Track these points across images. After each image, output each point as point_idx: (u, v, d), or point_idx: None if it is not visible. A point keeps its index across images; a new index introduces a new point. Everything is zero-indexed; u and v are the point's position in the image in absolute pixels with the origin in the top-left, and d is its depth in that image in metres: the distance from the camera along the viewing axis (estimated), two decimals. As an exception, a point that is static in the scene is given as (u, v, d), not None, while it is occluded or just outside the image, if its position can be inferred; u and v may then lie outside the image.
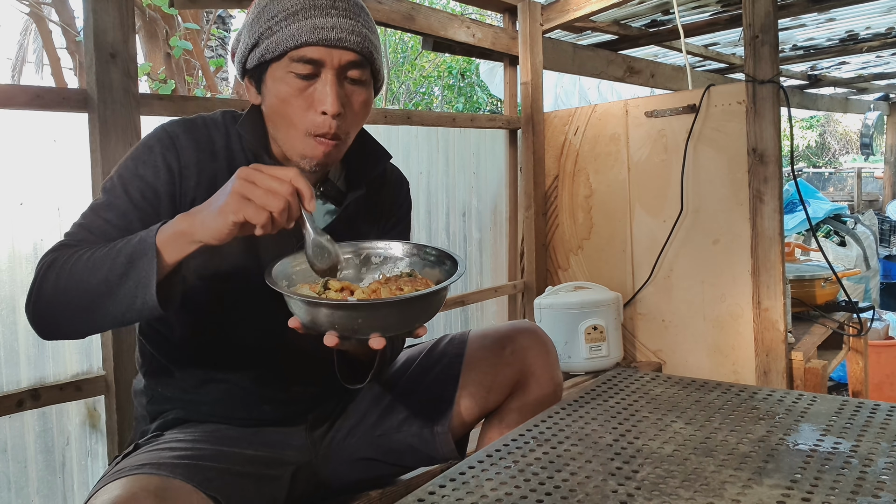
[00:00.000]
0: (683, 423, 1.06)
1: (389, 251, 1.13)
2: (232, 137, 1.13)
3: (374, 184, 1.25)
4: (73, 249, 0.98)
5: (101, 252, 0.95)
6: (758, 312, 2.20)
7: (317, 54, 1.03)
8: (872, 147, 7.59)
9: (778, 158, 2.16)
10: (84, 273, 0.94)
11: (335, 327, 0.90)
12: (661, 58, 4.06)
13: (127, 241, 0.94)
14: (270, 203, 0.88)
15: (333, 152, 1.08)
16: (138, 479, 0.92)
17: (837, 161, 15.30)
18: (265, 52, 1.05)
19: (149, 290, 0.90)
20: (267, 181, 0.88)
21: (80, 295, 0.94)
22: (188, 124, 1.11)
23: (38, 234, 1.47)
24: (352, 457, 1.26)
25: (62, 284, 0.95)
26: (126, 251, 0.92)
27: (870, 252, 4.76)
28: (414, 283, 1.01)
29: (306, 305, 0.91)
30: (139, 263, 0.91)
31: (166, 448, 1.04)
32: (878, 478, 0.85)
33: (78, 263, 0.95)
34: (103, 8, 1.45)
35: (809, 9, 3.26)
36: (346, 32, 1.03)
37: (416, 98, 9.58)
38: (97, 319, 0.97)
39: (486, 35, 2.62)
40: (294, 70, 1.03)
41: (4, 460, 1.44)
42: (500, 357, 1.26)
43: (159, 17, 4.34)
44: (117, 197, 1.05)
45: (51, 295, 0.96)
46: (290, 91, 1.04)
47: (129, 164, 1.07)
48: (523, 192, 2.77)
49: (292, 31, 1.02)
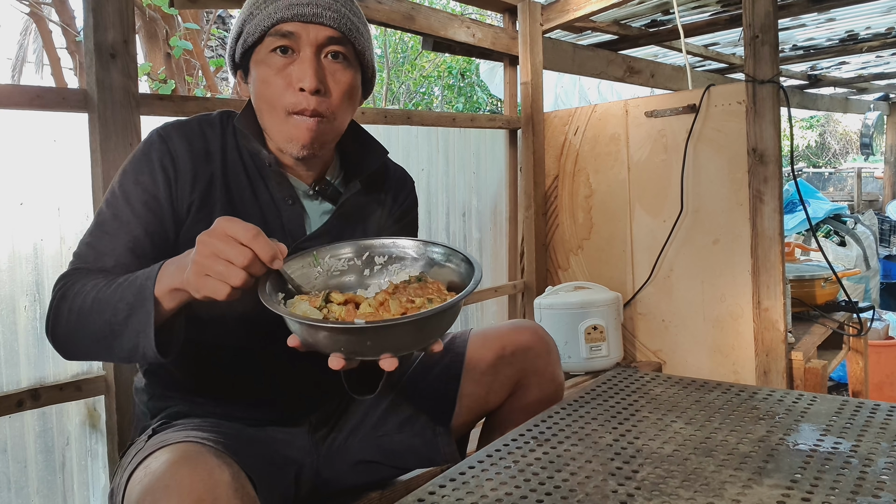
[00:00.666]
0: (683, 423, 1.06)
1: (394, 249, 1.06)
2: (228, 137, 1.13)
3: (374, 181, 1.23)
4: (82, 278, 1.00)
5: (105, 293, 0.95)
6: (758, 312, 2.20)
7: (292, 28, 1.04)
8: (872, 147, 7.59)
9: (778, 158, 2.16)
10: (90, 314, 0.95)
11: (341, 350, 0.84)
12: (661, 58, 4.05)
13: (129, 283, 0.94)
14: (231, 278, 0.85)
15: (318, 132, 1.06)
16: (191, 445, 0.92)
17: (837, 161, 15.30)
18: (247, 37, 1.07)
19: (148, 340, 0.90)
20: (225, 251, 0.85)
21: (88, 335, 0.96)
22: (183, 126, 1.11)
23: (38, 234, 1.47)
24: (353, 458, 1.25)
25: (73, 321, 0.96)
26: (127, 298, 0.93)
27: (870, 252, 4.76)
28: (424, 289, 0.94)
29: (307, 328, 0.85)
30: (138, 313, 0.91)
31: (194, 429, 1.04)
32: (878, 478, 0.85)
33: (85, 301, 0.96)
34: (103, 8, 1.45)
35: (809, 9, 3.26)
36: (321, 8, 1.04)
37: (416, 98, 9.58)
38: (109, 356, 1.00)
39: (486, 35, 2.62)
40: (272, 46, 1.04)
41: (4, 460, 1.44)
42: (501, 357, 1.25)
43: (159, 17, 4.34)
44: (120, 210, 1.05)
45: (64, 330, 0.98)
46: (269, 71, 1.05)
47: (129, 172, 1.08)
48: (523, 192, 2.77)
49: (269, 11, 1.04)
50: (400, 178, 1.31)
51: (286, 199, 1.13)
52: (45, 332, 1.01)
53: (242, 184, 1.11)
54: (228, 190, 1.10)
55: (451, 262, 1.02)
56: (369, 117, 2.14)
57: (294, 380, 1.18)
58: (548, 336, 1.30)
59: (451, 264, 1.01)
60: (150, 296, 0.90)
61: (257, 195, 1.12)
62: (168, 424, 1.10)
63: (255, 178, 1.12)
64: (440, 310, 0.85)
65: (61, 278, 1.01)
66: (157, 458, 0.89)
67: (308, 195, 1.17)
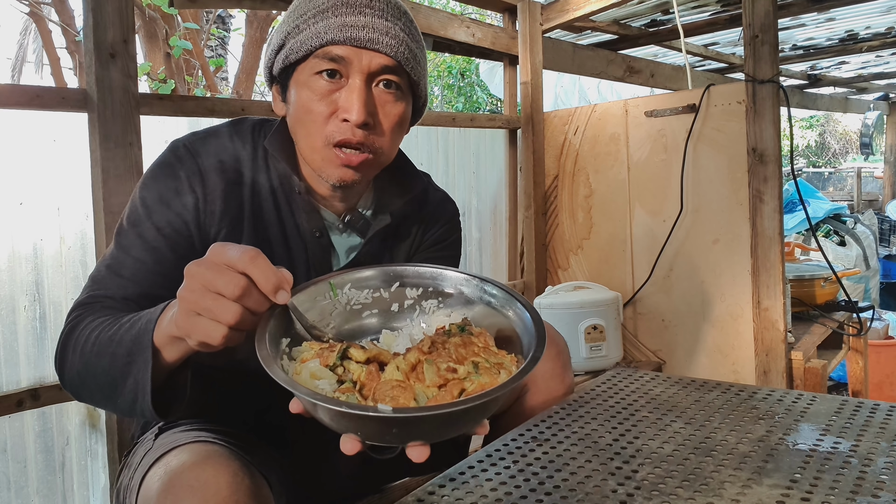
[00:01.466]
0: (683, 423, 1.06)
1: (431, 281, 0.87)
2: (259, 154, 1.01)
3: (410, 210, 1.11)
4: (95, 311, 0.89)
5: (106, 334, 0.84)
6: (758, 312, 2.20)
7: (343, 53, 0.91)
8: (872, 147, 7.59)
9: (778, 158, 2.16)
10: (93, 359, 0.84)
11: (358, 434, 0.67)
12: (661, 58, 4.05)
13: (131, 324, 0.82)
14: (223, 315, 0.69)
15: (362, 168, 0.95)
16: (209, 445, 0.87)
17: (837, 161, 15.31)
18: (290, 53, 0.95)
19: (144, 397, 0.79)
20: (215, 281, 0.69)
21: (92, 382, 0.85)
22: (212, 142, 1.00)
23: (37, 234, 1.47)
24: (353, 461, 1.24)
25: (77, 366, 0.86)
26: (126, 343, 0.80)
27: (869, 252, 4.76)
28: (469, 345, 0.76)
29: (315, 406, 0.66)
30: (137, 362, 0.79)
31: (202, 429, 0.99)
32: (878, 477, 0.85)
33: (88, 343, 0.85)
34: (103, 8, 1.45)
35: (809, 9, 3.26)
36: (379, 33, 0.92)
37: (415, 98, 9.57)
38: (115, 410, 0.88)
39: (485, 35, 2.62)
40: (318, 68, 0.92)
41: (4, 460, 1.44)
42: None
43: (159, 17, 4.34)
44: (146, 230, 0.95)
45: (71, 372, 0.88)
46: (312, 96, 0.93)
47: (152, 189, 0.97)
48: (523, 192, 2.77)
49: (319, 29, 0.92)
50: (439, 205, 1.18)
51: (314, 232, 1.02)
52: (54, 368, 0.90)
53: (269, 210, 1.01)
54: (255, 216, 1.00)
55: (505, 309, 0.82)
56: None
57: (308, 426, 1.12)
58: (560, 337, 1.23)
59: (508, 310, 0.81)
60: (148, 344, 0.77)
61: (284, 224, 1.02)
62: (174, 423, 1.05)
63: (283, 204, 1.02)
64: (490, 396, 0.66)
65: (75, 308, 0.90)
66: (176, 457, 0.84)
67: (337, 227, 1.06)
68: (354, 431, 0.66)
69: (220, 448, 0.87)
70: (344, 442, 0.67)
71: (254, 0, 2.15)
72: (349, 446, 0.67)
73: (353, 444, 0.67)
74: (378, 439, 0.67)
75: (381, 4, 0.94)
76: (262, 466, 0.93)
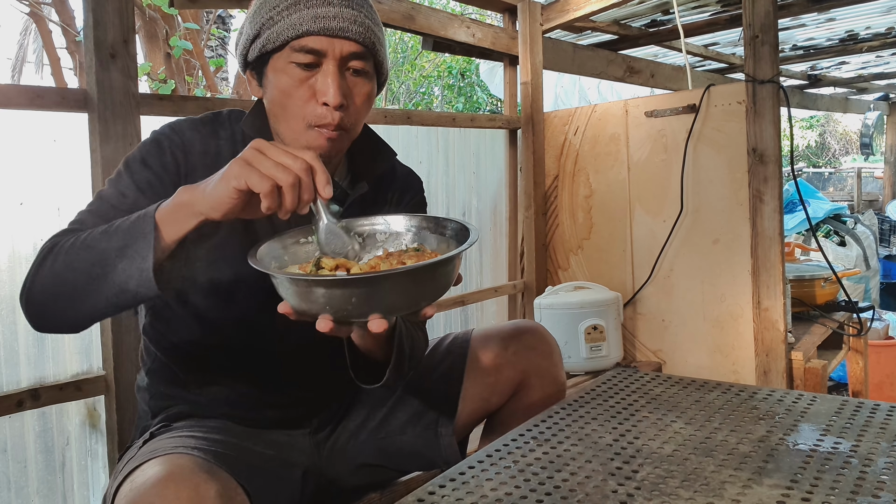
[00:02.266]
0: (683, 423, 1.06)
1: (393, 226, 1.02)
2: (237, 137, 1.12)
3: (381, 183, 1.22)
4: (73, 234, 0.95)
5: (97, 231, 0.91)
6: (758, 312, 2.20)
7: (318, 44, 1.01)
8: (872, 147, 7.59)
9: (778, 158, 2.16)
10: (79, 252, 0.90)
11: (327, 308, 0.81)
12: (661, 58, 4.05)
13: (125, 218, 0.90)
14: (278, 174, 0.82)
15: (337, 142, 1.06)
16: (181, 457, 0.90)
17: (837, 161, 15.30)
18: (266, 43, 1.03)
19: (145, 267, 0.85)
20: (279, 154, 0.83)
21: (73, 276, 0.89)
22: (196, 123, 1.11)
23: (38, 234, 1.47)
24: (356, 461, 1.25)
25: (57, 268, 0.91)
26: (123, 227, 0.88)
27: (870, 252, 4.76)
28: (421, 257, 0.91)
29: (293, 285, 0.82)
30: (136, 241, 0.86)
31: (188, 436, 1.02)
32: (878, 478, 0.85)
33: (74, 245, 0.91)
34: (103, 8, 1.45)
35: (809, 9, 3.26)
36: (348, 22, 1.01)
37: (416, 98, 9.58)
38: (89, 304, 0.91)
39: (486, 35, 2.62)
40: (295, 60, 1.01)
41: (4, 460, 1.44)
42: (503, 357, 1.25)
43: (159, 17, 4.34)
44: (125, 186, 1.03)
45: (45, 279, 0.92)
46: (291, 82, 1.02)
47: (137, 156, 1.06)
48: (523, 192, 2.77)
49: (293, 21, 1.00)
50: (407, 178, 1.29)
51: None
52: (19, 297, 0.94)
53: None
54: None
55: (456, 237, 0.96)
56: (369, 117, 2.13)
57: (297, 381, 1.17)
58: (550, 337, 1.30)
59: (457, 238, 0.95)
60: (150, 219, 0.86)
61: None
62: (167, 427, 1.09)
63: None
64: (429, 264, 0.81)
65: (49, 238, 0.96)
66: (143, 472, 0.87)
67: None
68: (324, 307, 0.80)
69: (191, 459, 0.89)
70: (319, 323, 0.81)
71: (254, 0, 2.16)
72: (322, 324, 0.81)
73: (325, 323, 0.81)
74: (344, 310, 0.80)
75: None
76: (246, 474, 0.95)
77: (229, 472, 0.91)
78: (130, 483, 0.88)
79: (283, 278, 0.82)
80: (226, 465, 0.93)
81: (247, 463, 1.04)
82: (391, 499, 1.31)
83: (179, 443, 0.98)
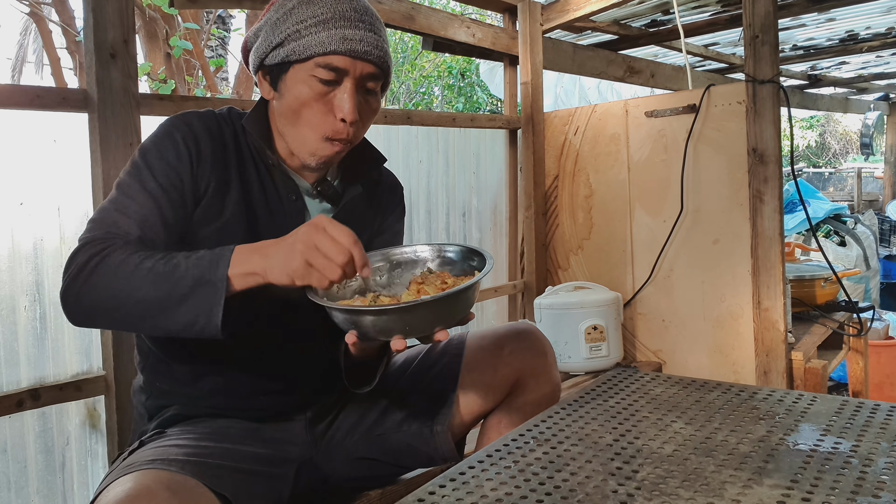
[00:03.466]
0: (683, 423, 1.06)
1: (416, 255, 1.19)
2: (238, 130, 1.17)
3: (370, 187, 1.29)
4: (119, 244, 1.00)
5: (164, 264, 0.97)
6: (758, 312, 2.20)
7: (342, 63, 1.07)
8: (872, 147, 7.59)
9: (778, 158, 2.16)
10: (143, 284, 0.96)
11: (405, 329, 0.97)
12: (661, 58, 4.05)
13: (195, 261, 0.97)
14: (331, 273, 0.95)
15: (342, 152, 1.15)
16: (150, 473, 0.92)
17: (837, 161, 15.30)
18: (290, 53, 1.08)
19: (213, 318, 0.95)
20: (329, 248, 0.95)
21: (133, 304, 0.96)
22: (201, 115, 1.15)
23: (38, 233, 1.47)
24: (352, 455, 1.26)
25: (117, 286, 0.96)
26: (193, 274, 0.96)
27: (870, 252, 4.76)
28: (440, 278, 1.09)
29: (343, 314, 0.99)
30: (205, 290, 0.95)
31: (173, 445, 1.05)
32: (878, 478, 0.85)
33: (139, 270, 0.96)
34: (103, 8, 1.45)
35: (809, 9, 3.26)
36: (371, 46, 1.09)
37: (416, 98, 9.58)
38: (143, 327, 1.02)
39: (486, 35, 2.62)
40: (318, 75, 1.08)
41: (4, 460, 1.44)
42: (498, 357, 1.27)
43: (159, 17, 4.34)
44: (146, 179, 1.07)
45: (102, 291, 0.97)
46: (310, 94, 1.09)
47: (151, 148, 1.10)
48: (523, 192, 2.77)
49: (322, 38, 1.06)
50: (392, 185, 1.36)
51: (290, 195, 1.18)
52: (60, 293, 0.99)
53: (251, 172, 1.16)
54: (241, 177, 1.15)
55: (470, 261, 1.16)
56: (369, 117, 2.14)
57: (292, 373, 1.19)
58: (544, 338, 1.32)
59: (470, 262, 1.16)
60: (223, 276, 0.95)
61: (265, 187, 1.17)
62: (160, 434, 1.11)
63: (262, 171, 1.17)
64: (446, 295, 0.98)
65: (96, 242, 1.00)
66: (114, 489, 0.89)
67: (310, 193, 1.21)
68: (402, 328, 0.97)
69: (158, 478, 0.91)
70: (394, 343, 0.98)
71: (254, 0, 2.15)
72: (397, 343, 0.98)
73: (399, 342, 0.98)
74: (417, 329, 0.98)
75: (370, 19, 1.11)
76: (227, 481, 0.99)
77: (209, 481, 0.95)
78: (103, 498, 0.90)
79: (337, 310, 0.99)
80: (207, 475, 0.96)
81: (235, 468, 1.06)
82: (391, 499, 1.31)
83: (161, 454, 1.00)
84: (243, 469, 1.08)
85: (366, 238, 1.26)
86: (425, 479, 1.32)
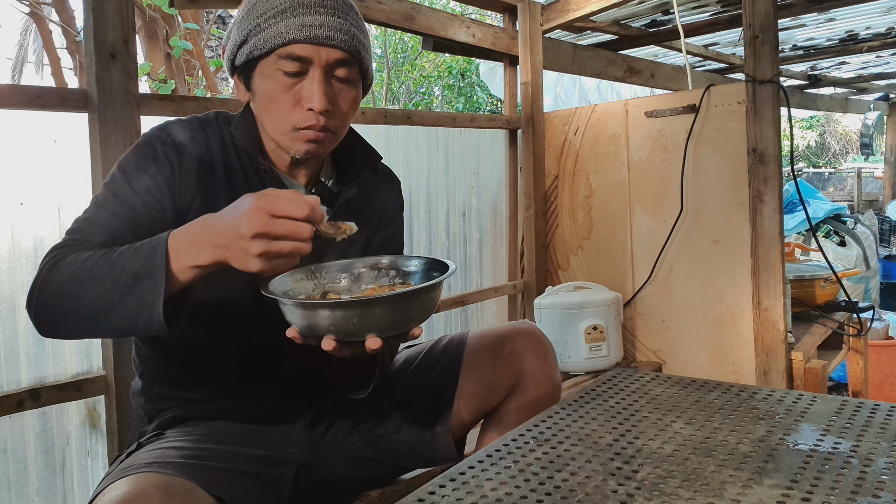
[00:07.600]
0: (683, 423, 1.06)
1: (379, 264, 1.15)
2: (225, 137, 1.14)
3: (366, 184, 1.26)
4: (77, 249, 0.96)
5: (105, 260, 0.92)
6: (758, 312, 2.20)
7: (304, 52, 1.03)
8: (872, 147, 7.59)
9: (778, 158, 2.16)
10: (87, 281, 0.91)
11: (331, 330, 0.90)
12: (661, 58, 4.05)
13: (135, 251, 0.91)
14: (299, 248, 0.88)
15: (324, 143, 1.10)
16: (146, 476, 0.92)
17: (837, 161, 15.30)
18: (253, 49, 1.05)
19: (154, 310, 0.88)
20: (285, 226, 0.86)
21: (81, 304, 0.92)
22: (184, 123, 1.13)
23: (38, 233, 1.47)
24: (352, 456, 1.26)
25: (65, 290, 0.92)
26: (133, 266, 0.90)
27: (870, 252, 4.76)
28: (407, 286, 1.06)
29: (302, 309, 0.92)
30: (145, 282, 0.89)
31: (171, 447, 1.04)
32: (878, 478, 0.85)
33: (82, 269, 0.92)
34: (103, 8, 1.45)
35: (809, 9, 3.25)
36: (333, 31, 1.04)
37: (416, 98, 9.58)
38: (98, 330, 0.97)
39: (486, 35, 2.62)
40: (282, 67, 1.04)
41: (4, 460, 1.44)
42: (498, 357, 1.26)
43: (159, 17, 4.34)
44: (121, 189, 1.04)
45: (53, 298, 0.93)
46: (277, 88, 1.05)
47: (131, 159, 1.08)
48: (523, 192, 2.77)
49: (280, 29, 1.03)
50: (389, 179, 1.34)
51: None
52: (26, 305, 0.96)
53: (240, 181, 1.13)
54: (230, 187, 1.11)
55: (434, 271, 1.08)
56: (369, 117, 2.14)
57: (291, 376, 1.19)
58: (545, 338, 1.32)
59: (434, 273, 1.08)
60: (161, 265, 0.88)
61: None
62: (159, 436, 1.11)
63: (253, 177, 1.14)
64: (418, 288, 0.94)
65: (54, 249, 0.98)
66: (109, 494, 0.88)
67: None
68: (329, 328, 0.90)
69: (153, 481, 0.91)
70: (324, 343, 0.90)
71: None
72: (327, 344, 0.90)
73: (329, 343, 0.90)
74: (346, 332, 0.90)
75: (332, 3, 1.06)
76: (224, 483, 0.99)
77: (206, 484, 0.94)
78: (98, 502, 0.89)
79: (294, 305, 0.92)
80: (204, 477, 0.96)
81: (233, 470, 1.06)
82: (391, 499, 1.31)
83: (158, 456, 1.00)
84: (242, 471, 1.08)
85: (366, 236, 1.24)
86: (425, 479, 1.32)
